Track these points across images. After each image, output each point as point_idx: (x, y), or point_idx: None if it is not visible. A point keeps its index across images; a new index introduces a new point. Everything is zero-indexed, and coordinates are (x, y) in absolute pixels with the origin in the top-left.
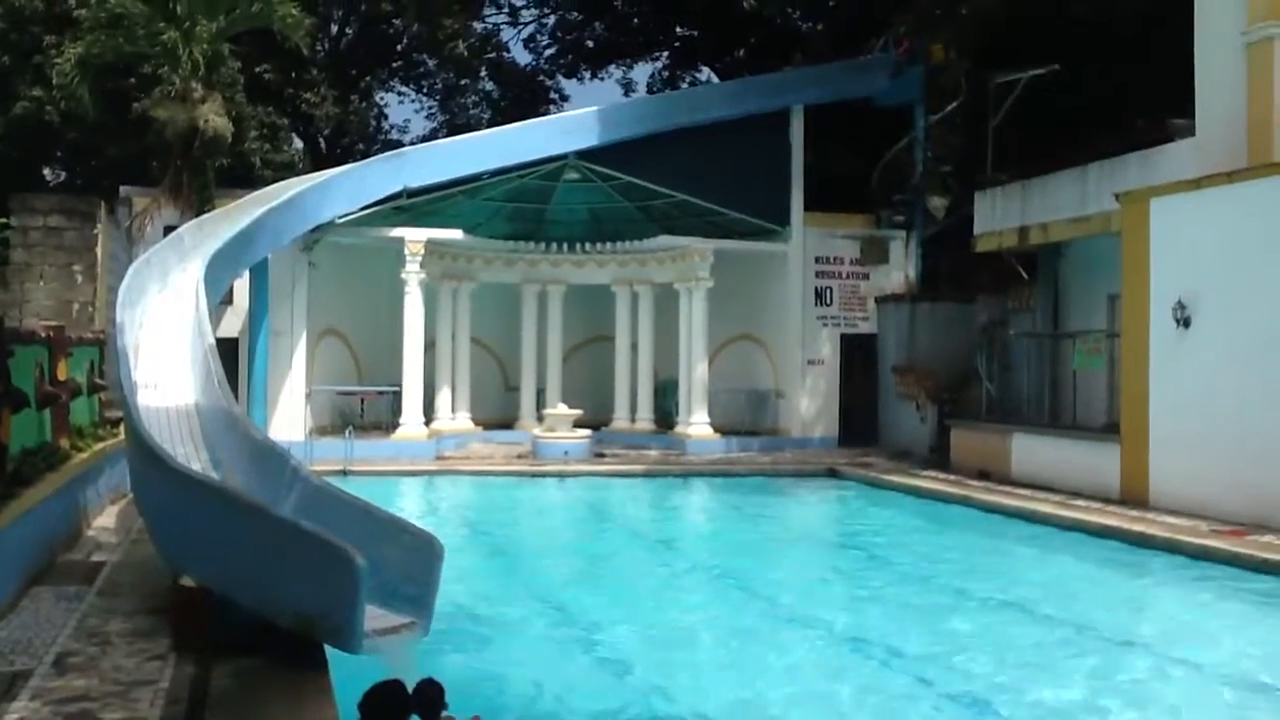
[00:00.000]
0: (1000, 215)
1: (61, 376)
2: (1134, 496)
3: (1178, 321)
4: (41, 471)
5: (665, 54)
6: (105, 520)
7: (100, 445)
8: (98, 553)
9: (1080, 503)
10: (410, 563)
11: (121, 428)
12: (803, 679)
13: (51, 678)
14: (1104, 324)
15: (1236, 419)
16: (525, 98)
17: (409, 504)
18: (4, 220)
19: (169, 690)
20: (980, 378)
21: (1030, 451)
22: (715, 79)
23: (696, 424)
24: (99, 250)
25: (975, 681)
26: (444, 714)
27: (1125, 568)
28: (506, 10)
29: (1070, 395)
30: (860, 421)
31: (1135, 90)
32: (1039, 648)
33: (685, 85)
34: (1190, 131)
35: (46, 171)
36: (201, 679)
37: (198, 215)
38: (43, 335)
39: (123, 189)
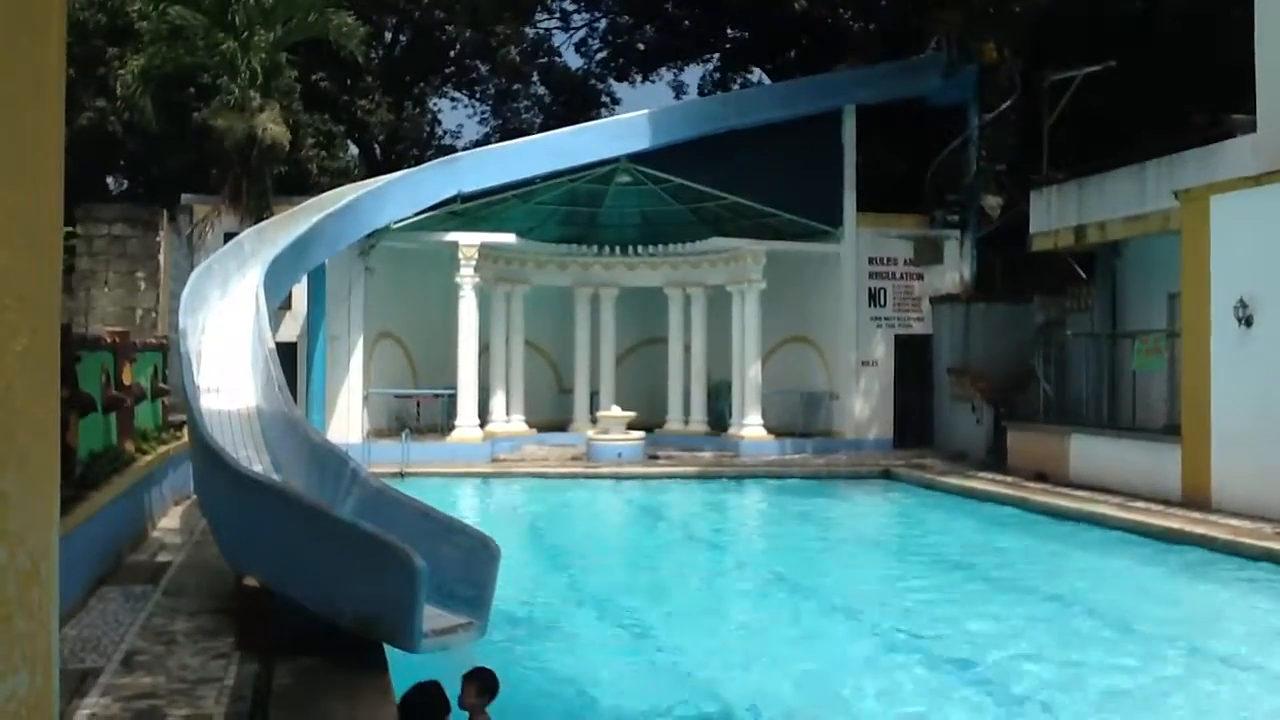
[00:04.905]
0: (1056, 214)
1: (126, 381)
2: (1195, 498)
3: (1239, 320)
4: (108, 474)
5: (716, 56)
6: (170, 521)
7: (164, 448)
8: (163, 553)
9: (1140, 504)
10: (467, 564)
11: (184, 431)
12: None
13: (120, 675)
14: (1163, 323)
15: None
16: (577, 102)
17: (465, 506)
18: (70, 229)
19: (233, 688)
20: (1037, 378)
21: (1089, 453)
22: (767, 80)
23: (750, 426)
24: (161, 257)
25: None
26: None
27: (1189, 571)
28: (558, 15)
29: (1129, 396)
30: (915, 423)
31: (1194, 86)
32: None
33: (736, 87)
34: (1251, 127)
35: (110, 181)
36: (264, 677)
37: (256, 222)
38: (108, 341)
39: (183, 197)
